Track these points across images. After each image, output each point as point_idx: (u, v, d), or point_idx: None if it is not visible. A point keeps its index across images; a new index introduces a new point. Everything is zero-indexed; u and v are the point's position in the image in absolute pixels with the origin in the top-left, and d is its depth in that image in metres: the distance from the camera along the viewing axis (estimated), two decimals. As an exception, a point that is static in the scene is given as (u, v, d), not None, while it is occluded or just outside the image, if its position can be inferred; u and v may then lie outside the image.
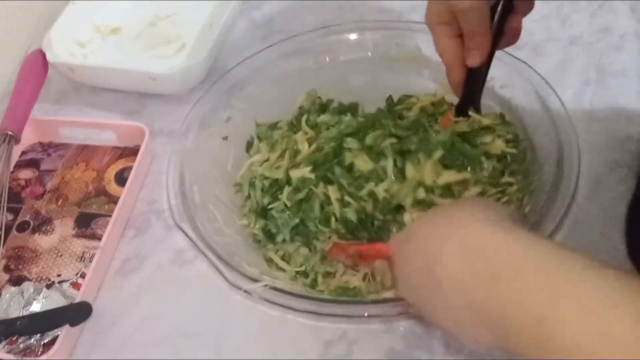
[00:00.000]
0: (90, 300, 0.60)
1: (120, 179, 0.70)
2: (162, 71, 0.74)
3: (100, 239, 0.64)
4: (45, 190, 0.71)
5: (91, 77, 0.78)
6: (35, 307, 0.60)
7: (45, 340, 0.57)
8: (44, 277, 0.63)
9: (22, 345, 0.57)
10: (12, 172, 0.72)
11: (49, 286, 0.62)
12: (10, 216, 0.68)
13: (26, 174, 0.72)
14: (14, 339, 0.58)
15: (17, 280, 0.63)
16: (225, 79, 0.72)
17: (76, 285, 0.62)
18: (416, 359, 0.54)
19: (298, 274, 0.60)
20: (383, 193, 0.58)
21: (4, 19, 0.84)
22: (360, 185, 0.59)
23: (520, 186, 0.61)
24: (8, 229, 0.67)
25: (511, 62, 0.67)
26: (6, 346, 0.57)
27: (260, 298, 0.56)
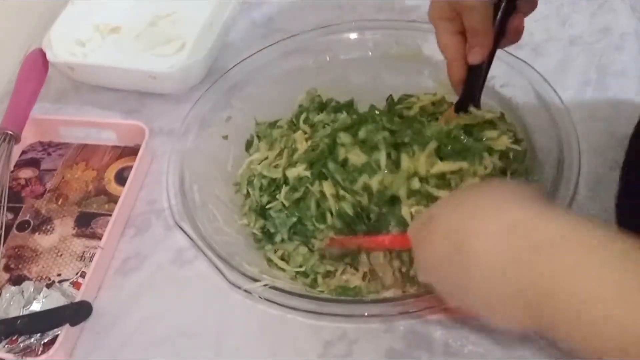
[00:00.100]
0: (90, 299, 0.60)
1: (120, 179, 0.70)
2: (162, 70, 0.74)
3: (100, 238, 0.64)
4: (46, 189, 0.71)
5: (91, 76, 0.78)
6: (36, 307, 0.60)
7: (45, 340, 0.57)
8: (44, 277, 0.63)
9: (22, 344, 0.57)
10: (12, 172, 0.72)
11: (49, 285, 0.62)
12: (10, 215, 0.68)
13: (26, 173, 0.72)
14: (14, 338, 0.58)
15: (17, 280, 0.63)
16: (225, 78, 0.72)
17: (76, 285, 0.62)
18: (416, 359, 0.54)
19: (298, 274, 0.60)
20: (377, 185, 0.58)
21: (4, 19, 0.84)
22: (354, 178, 0.59)
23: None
24: (8, 228, 0.67)
25: (512, 62, 0.67)
26: (6, 345, 0.57)
27: (260, 297, 0.56)
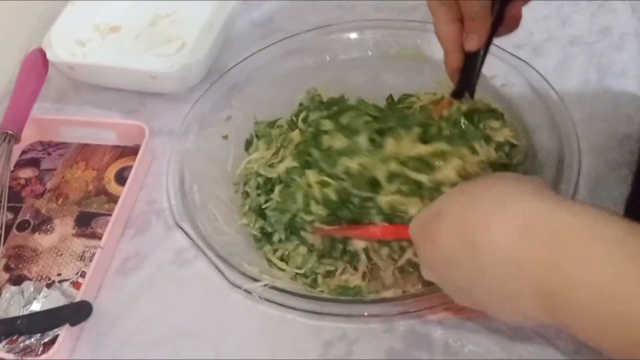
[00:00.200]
0: (90, 299, 0.60)
1: (120, 178, 0.70)
2: (162, 70, 0.74)
3: (100, 238, 0.64)
4: (46, 189, 0.71)
5: (91, 76, 0.78)
6: (36, 307, 0.60)
7: (46, 340, 0.57)
8: (44, 277, 0.63)
9: (22, 344, 0.57)
10: (13, 171, 0.72)
11: (49, 285, 0.62)
12: (10, 215, 0.68)
13: (26, 173, 0.72)
14: (14, 338, 0.58)
15: (17, 280, 0.63)
16: (225, 78, 0.72)
17: (76, 285, 0.62)
18: (416, 359, 0.54)
19: (298, 274, 0.60)
20: (356, 167, 0.58)
21: (4, 19, 0.84)
22: (336, 162, 0.59)
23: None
24: (8, 228, 0.67)
25: (512, 61, 0.67)
26: (6, 345, 0.57)
27: (260, 297, 0.56)
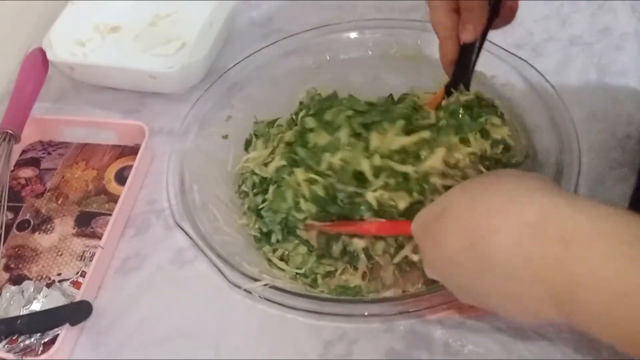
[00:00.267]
0: (90, 299, 0.60)
1: (121, 178, 0.70)
2: (162, 70, 0.74)
3: (100, 238, 0.64)
4: (46, 189, 0.71)
5: (91, 76, 0.78)
6: (36, 306, 0.60)
7: (46, 340, 0.57)
8: (44, 276, 0.63)
9: (22, 344, 0.57)
10: (13, 171, 0.72)
11: (49, 285, 0.62)
12: (10, 215, 0.68)
13: (26, 172, 0.72)
14: (14, 338, 0.58)
15: (17, 279, 0.63)
16: (225, 78, 0.72)
17: (76, 284, 0.62)
18: (416, 359, 0.54)
19: (298, 274, 0.60)
20: (338, 162, 0.58)
21: (4, 19, 0.84)
22: (320, 159, 0.59)
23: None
24: (8, 227, 0.67)
25: (512, 61, 0.67)
26: (6, 345, 0.57)
27: (260, 297, 0.56)
